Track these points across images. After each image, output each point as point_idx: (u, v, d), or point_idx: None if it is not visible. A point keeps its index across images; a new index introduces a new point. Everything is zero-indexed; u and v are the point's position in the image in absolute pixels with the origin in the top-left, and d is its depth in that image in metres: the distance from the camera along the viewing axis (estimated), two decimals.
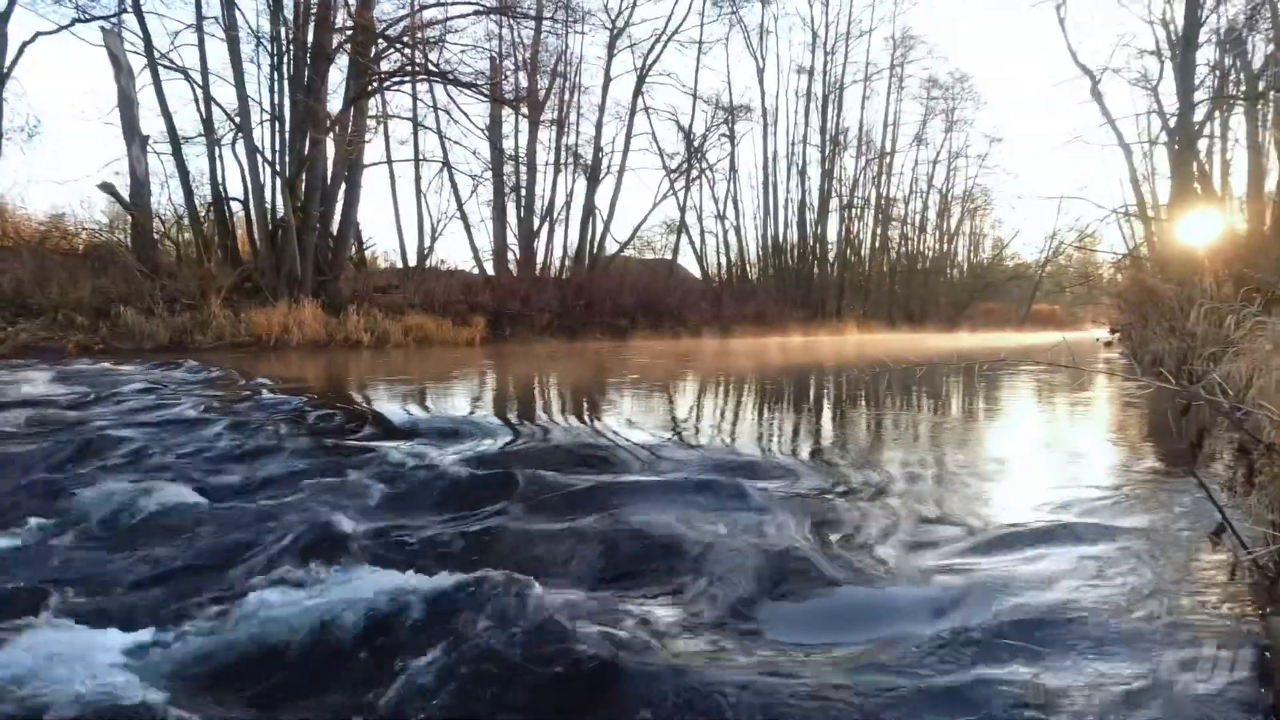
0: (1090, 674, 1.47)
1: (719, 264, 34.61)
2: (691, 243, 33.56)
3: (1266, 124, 16.09)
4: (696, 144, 31.41)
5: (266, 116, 17.84)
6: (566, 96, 27.26)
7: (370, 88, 14.45)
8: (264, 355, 13.03)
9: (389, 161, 23.40)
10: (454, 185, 24.52)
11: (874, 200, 37.35)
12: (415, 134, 23.55)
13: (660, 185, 30.54)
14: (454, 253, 71.65)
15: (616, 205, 28.60)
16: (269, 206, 17.10)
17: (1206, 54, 16.81)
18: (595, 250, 28.36)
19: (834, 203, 35.40)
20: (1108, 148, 19.62)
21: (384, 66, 15.10)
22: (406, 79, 15.20)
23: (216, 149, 18.29)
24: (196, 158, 20.48)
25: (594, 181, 27.85)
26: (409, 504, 2.99)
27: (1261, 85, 16.25)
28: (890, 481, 3.32)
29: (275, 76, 17.22)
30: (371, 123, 17.81)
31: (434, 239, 24.96)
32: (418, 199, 24.69)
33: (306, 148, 15.32)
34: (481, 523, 2.70)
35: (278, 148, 17.20)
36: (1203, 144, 17.05)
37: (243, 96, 15.79)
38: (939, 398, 7.46)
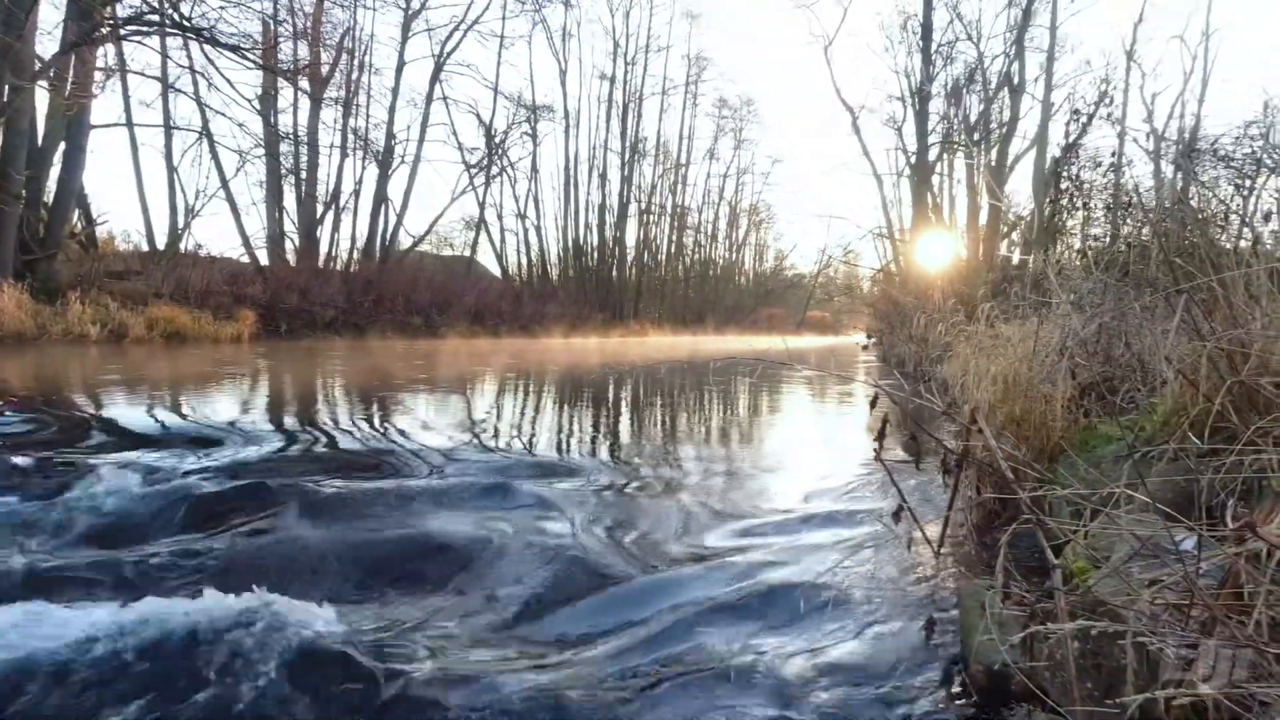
0: (816, 640, 1.65)
1: (519, 263, 34.33)
2: (491, 241, 32.93)
3: (979, 169, 19.69)
4: (498, 140, 30.84)
5: None
6: (354, 75, 25.29)
7: (98, 33, 12.02)
8: None
9: (129, 125, 19.93)
10: (216, 160, 21.48)
11: (670, 208, 39.49)
12: (165, 96, 20.26)
13: (459, 180, 29.58)
14: (220, 238, 62.80)
15: (411, 197, 27.15)
16: None
17: (938, 104, 20.16)
18: (387, 243, 26.61)
19: (633, 208, 36.84)
20: (865, 176, 22.72)
21: (119, 11, 12.68)
22: (150, 30, 12.91)
23: None
24: None
25: (386, 170, 26.12)
26: (143, 524, 2.57)
27: (976, 136, 19.85)
28: (649, 477, 3.48)
29: None
30: (100, 75, 14.89)
31: (190, 219, 21.62)
32: (169, 172, 21.30)
33: (5, 95, 12.38)
34: (237, 539, 2.39)
35: None
36: (936, 180, 20.42)
37: None
38: (715, 395, 8.05)
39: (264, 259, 22.69)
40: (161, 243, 21.04)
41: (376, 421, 5.30)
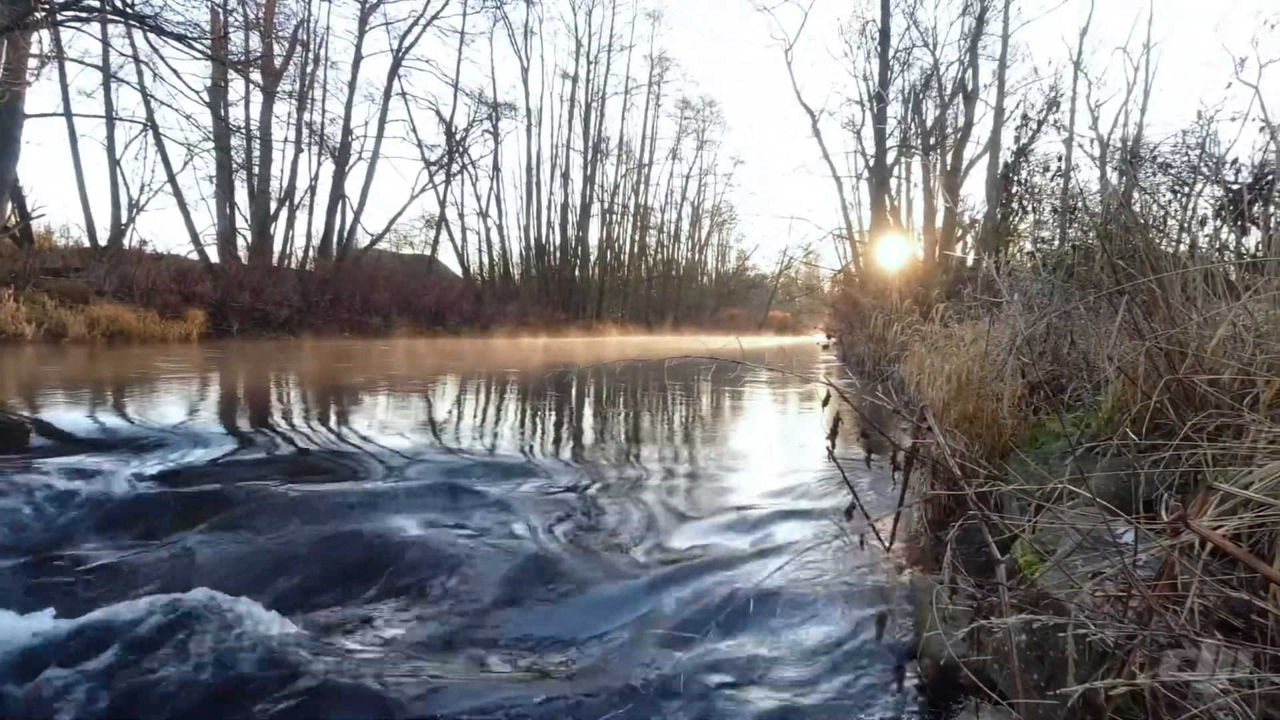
0: (771, 639, 1.66)
1: (481, 263, 33.95)
2: (452, 239, 32.49)
3: (935, 173, 20.17)
4: (459, 138, 30.42)
5: None
6: (309, 69, 24.67)
7: (32, 18, 11.43)
8: None
9: (68, 115, 19.05)
10: (163, 153, 20.69)
11: (633, 208, 39.53)
12: (106, 86, 19.49)
13: (419, 177, 29.11)
14: (167, 234, 60.54)
15: (369, 194, 26.60)
16: None
17: (896, 109, 20.57)
18: (344, 241, 26.04)
19: (596, 208, 36.75)
20: (826, 178, 23.05)
21: None
22: (89, 16, 12.33)
23: None
24: None
25: (343, 166, 25.55)
26: (81, 529, 2.46)
27: (932, 141, 20.33)
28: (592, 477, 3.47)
29: None
30: (35, 62, 14.20)
31: (134, 214, 20.80)
32: (111, 165, 20.43)
33: None
34: (183, 543, 2.31)
35: None
36: (894, 183, 20.84)
37: None
38: (671, 396, 8.08)
39: (215, 256, 21.98)
40: (103, 238, 20.20)
41: (328, 423, 5.17)
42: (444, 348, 17.68)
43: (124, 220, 20.65)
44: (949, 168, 19.89)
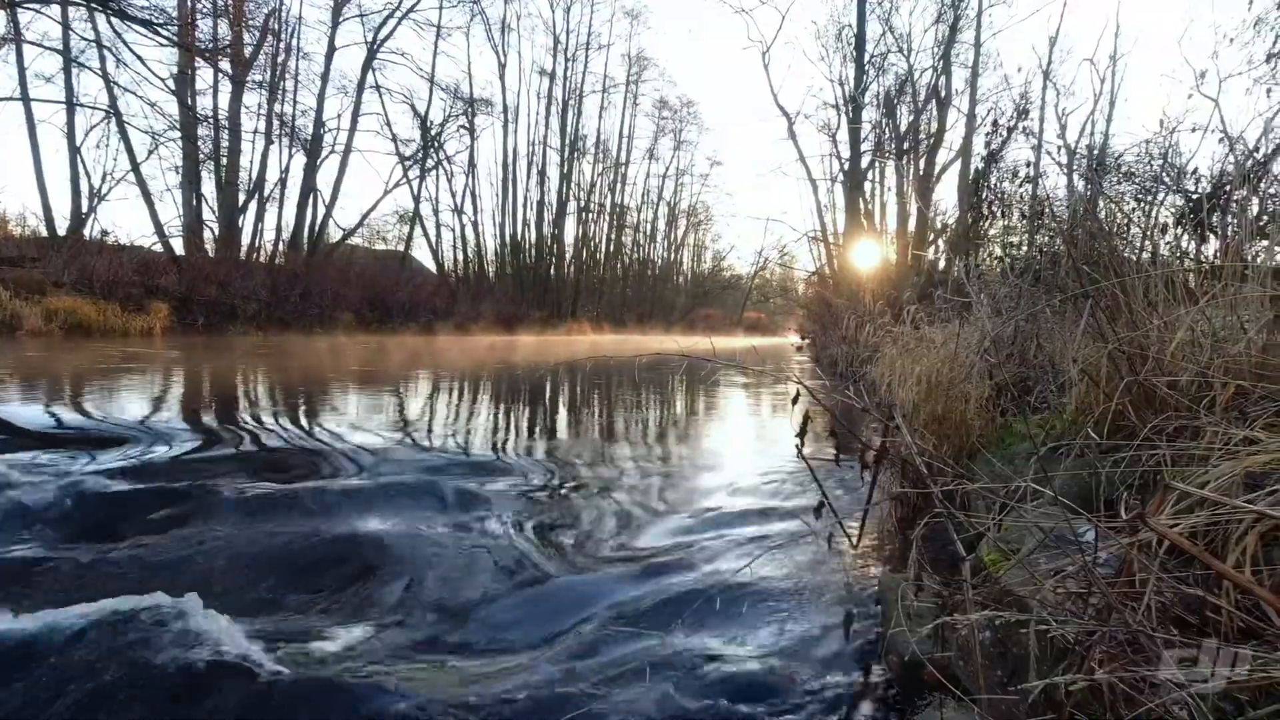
0: (740, 636, 1.67)
1: (455, 259, 33.61)
2: (426, 236, 32.10)
3: (908, 177, 20.47)
4: (434, 132, 30.09)
5: None
6: (281, 59, 24.20)
7: None
8: None
9: (25, 99, 18.46)
10: (126, 141, 20.16)
11: (609, 206, 39.44)
12: (67, 70, 18.90)
13: (393, 172, 28.72)
14: (131, 225, 59.01)
15: (341, 188, 26.19)
16: None
17: (871, 113, 20.79)
18: (315, 235, 25.59)
19: (572, 206, 36.59)
20: (801, 180, 23.23)
21: None
22: None
23: None
24: None
25: (314, 159, 25.11)
26: (36, 527, 2.38)
27: (906, 146, 20.61)
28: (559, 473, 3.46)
29: None
30: None
31: (95, 203, 20.23)
32: (71, 153, 19.84)
33: None
34: (138, 542, 2.26)
35: None
36: (868, 186, 21.07)
37: None
38: (651, 393, 8.09)
39: (180, 249, 21.44)
40: (63, 228, 19.60)
41: (293, 419, 5.07)
42: (422, 345, 17.47)
43: (84, 209, 20.10)
44: (922, 172, 20.19)
